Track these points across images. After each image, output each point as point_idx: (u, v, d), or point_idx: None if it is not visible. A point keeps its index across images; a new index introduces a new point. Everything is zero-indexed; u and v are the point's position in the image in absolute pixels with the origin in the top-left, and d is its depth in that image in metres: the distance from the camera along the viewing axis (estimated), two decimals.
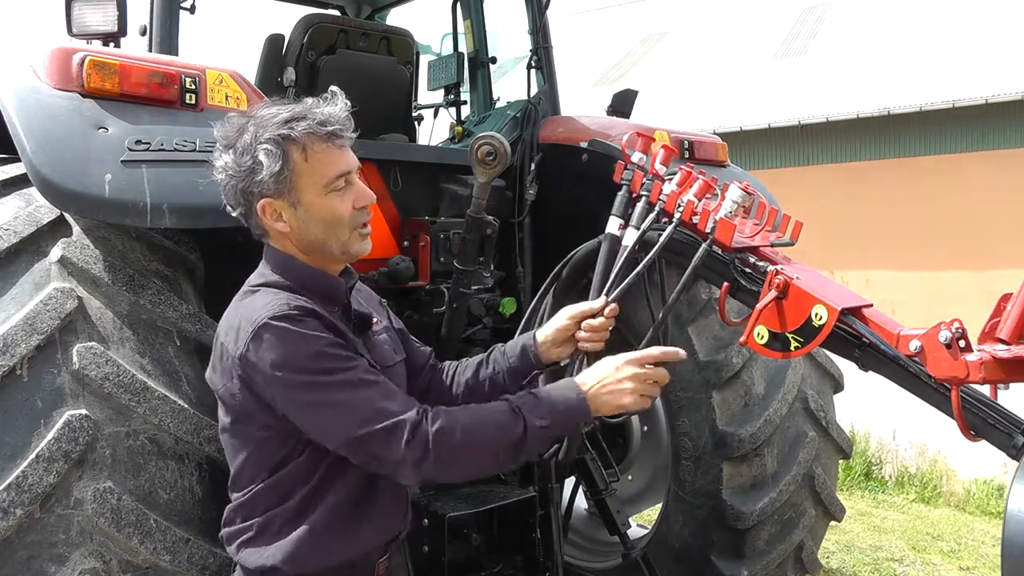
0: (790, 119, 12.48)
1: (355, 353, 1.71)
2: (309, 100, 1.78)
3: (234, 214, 1.82)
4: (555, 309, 2.37)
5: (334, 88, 1.81)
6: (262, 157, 1.70)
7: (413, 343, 2.12)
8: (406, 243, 3.25)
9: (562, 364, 2.08)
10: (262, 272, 1.82)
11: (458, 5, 4.04)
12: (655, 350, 1.84)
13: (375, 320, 1.93)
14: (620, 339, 2.20)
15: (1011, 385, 1.63)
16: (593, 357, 2.07)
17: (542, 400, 1.75)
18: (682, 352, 1.86)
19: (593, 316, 2.02)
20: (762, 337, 1.93)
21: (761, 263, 2.01)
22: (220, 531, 1.84)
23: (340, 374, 1.64)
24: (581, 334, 2.03)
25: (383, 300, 2.12)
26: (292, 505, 1.73)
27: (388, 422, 1.62)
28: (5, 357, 1.89)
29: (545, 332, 2.05)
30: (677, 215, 2.09)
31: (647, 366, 1.80)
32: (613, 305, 2.04)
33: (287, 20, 3.54)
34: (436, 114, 4.16)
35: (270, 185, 1.72)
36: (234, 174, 1.74)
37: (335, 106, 1.77)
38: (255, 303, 1.70)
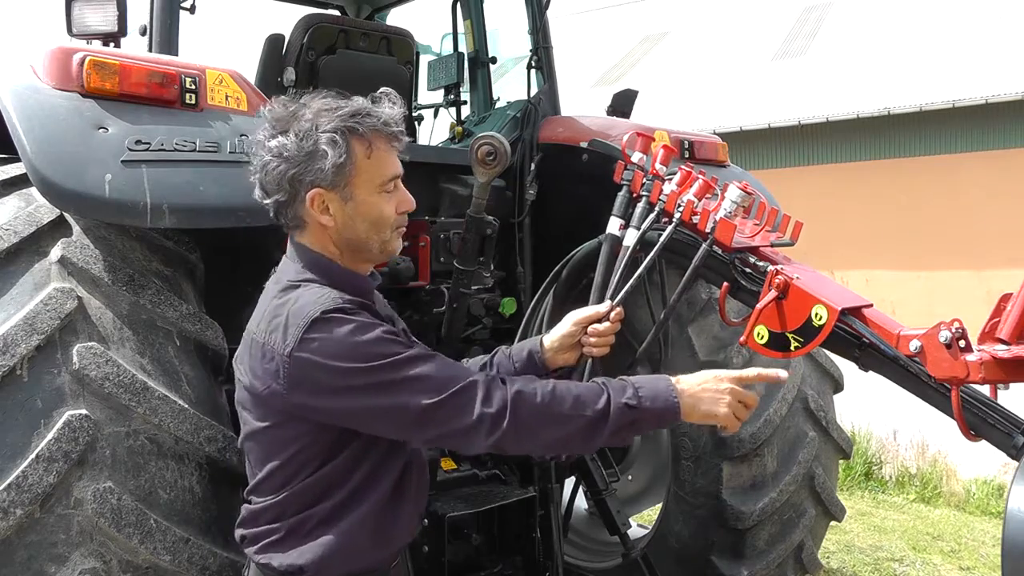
0: (790, 119, 12.48)
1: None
2: (359, 99, 1.75)
3: (267, 201, 1.74)
4: (555, 310, 2.37)
5: (387, 89, 1.79)
6: (325, 146, 1.66)
7: None
8: (406, 243, 3.23)
9: (566, 369, 2.08)
10: (296, 269, 1.77)
11: (458, 5, 4.04)
12: (753, 371, 1.82)
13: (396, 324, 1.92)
14: (621, 340, 2.20)
15: (1011, 385, 1.63)
16: (599, 362, 2.07)
17: (629, 384, 1.73)
18: (783, 374, 1.81)
19: (599, 321, 2.01)
20: (762, 337, 1.93)
21: (761, 263, 2.01)
22: (236, 531, 1.81)
23: (406, 352, 1.63)
24: (588, 339, 2.02)
25: (388, 302, 2.11)
26: (328, 507, 1.71)
27: (464, 382, 1.63)
28: (5, 357, 1.89)
29: (551, 338, 2.04)
30: (677, 215, 2.10)
31: (744, 387, 1.78)
32: (619, 309, 2.04)
33: (287, 20, 3.55)
34: (436, 114, 4.16)
35: (328, 175, 1.67)
36: (290, 157, 1.67)
37: (395, 109, 1.76)
38: (302, 299, 1.66)
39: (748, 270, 2.04)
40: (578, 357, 2.05)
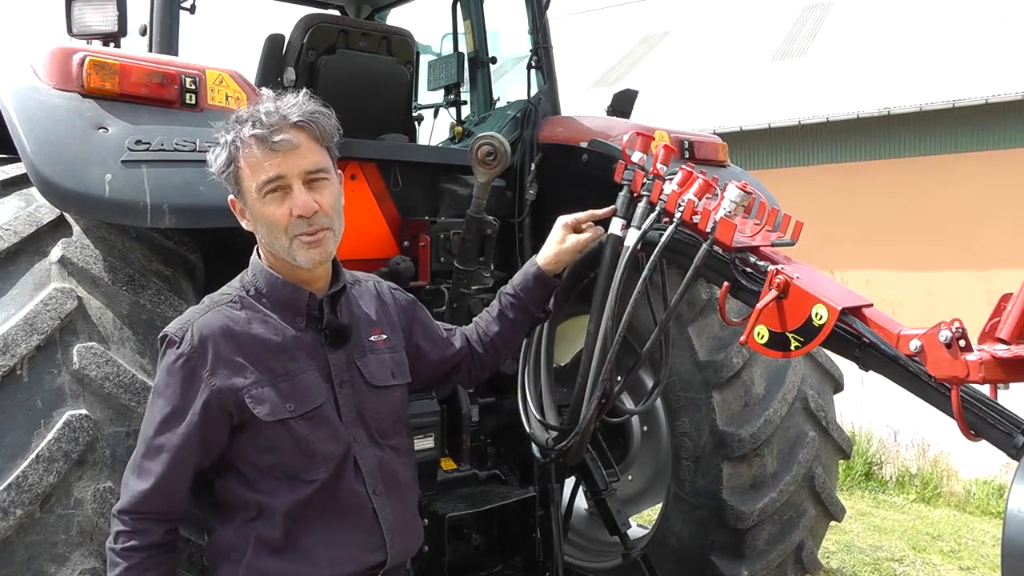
0: (790, 119, 12.48)
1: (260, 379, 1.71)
2: (257, 105, 1.74)
3: None
4: (556, 310, 2.37)
5: (283, 94, 1.78)
6: (223, 154, 1.74)
7: (447, 342, 2.12)
8: (406, 243, 3.24)
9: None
10: (239, 277, 1.86)
11: (458, 5, 4.04)
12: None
13: (375, 337, 1.90)
14: (622, 342, 2.21)
15: (1011, 385, 1.63)
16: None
17: None
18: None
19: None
20: (762, 337, 1.93)
21: (761, 263, 2.01)
22: None
23: (159, 421, 1.69)
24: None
25: (410, 306, 2.07)
26: (231, 530, 1.74)
27: (129, 496, 1.69)
28: (5, 357, 1.89)
29: (545, 254, 2.17)
30: (678, 215, 2.09)
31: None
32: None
33: (287, 20, 3.55)
34: (436, 114, 4.16)
35: (231, 182, 1.75)
36: (214, 169, 1.77)
37: (287, 105, 1.72)
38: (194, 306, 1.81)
39: (748, 270, 2.03)
40: (574, 256, 2.20)
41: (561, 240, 2.18)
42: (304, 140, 1.71)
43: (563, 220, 2.21)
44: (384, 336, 1.92)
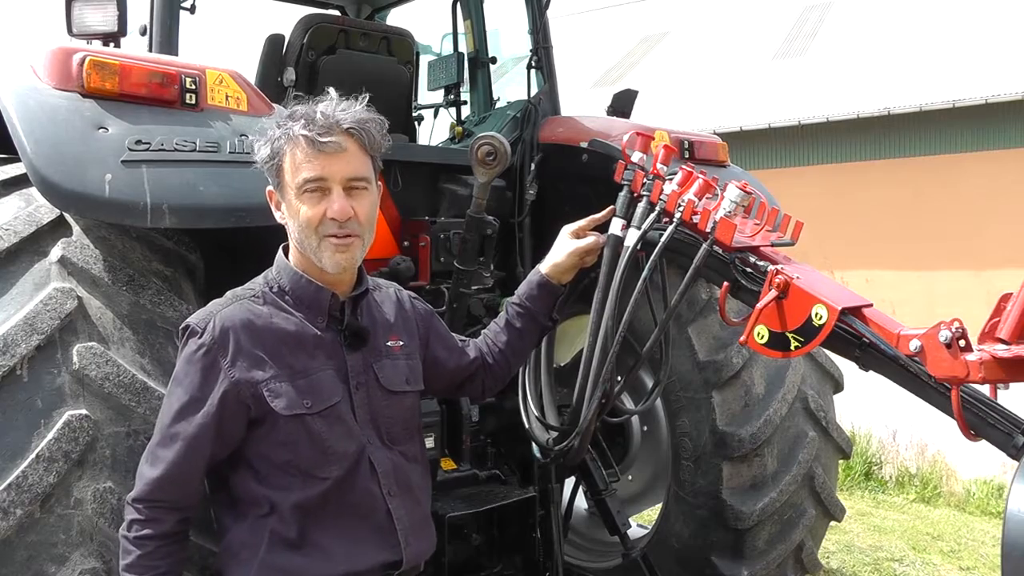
0: (790, 119, 12.47)
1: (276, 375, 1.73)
2: (315, 104, 1.78)
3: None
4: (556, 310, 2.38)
5: (352, 97, 1.81)
6: (267, 147, 1.77)
7: (462, 352, 2.14)
8: (406, 243, 3.24)
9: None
10: (265, 273, 1.89)
11: (458, 5, 4.04)
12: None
13: (392, 343, 1.92)
14: (623, 342, 2.21)
15: (1011, 385, 1.63)
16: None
17: None
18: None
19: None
20: (762, 337, 1.93)
21: (761, 263, 2.01)
22: None
23: (177, 409, 1.72)
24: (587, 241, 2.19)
25: (428, 316, 2.09)
26: (245, 527, 1.75)
27: (143, 485, 1.73)
28: (5, 357, 1.89)
29: (552, 261, 2.18)
30: (678, 215, 2.10)
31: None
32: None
33: (287, 20, 3.55)
34: (436, 114, 4.16)
35: (272, 174, 1.79)
36: (258, 160, 1.82)
37: (342, 109, 1.76)
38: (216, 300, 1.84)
39: (748, 270, 2.03)
40: (580, 266, 2.21)
41: (563, 247, 2.20)
42: (352, 146, 1.75)
43: (567, 228, 2.23)
44: (401, 342, 1.94)
